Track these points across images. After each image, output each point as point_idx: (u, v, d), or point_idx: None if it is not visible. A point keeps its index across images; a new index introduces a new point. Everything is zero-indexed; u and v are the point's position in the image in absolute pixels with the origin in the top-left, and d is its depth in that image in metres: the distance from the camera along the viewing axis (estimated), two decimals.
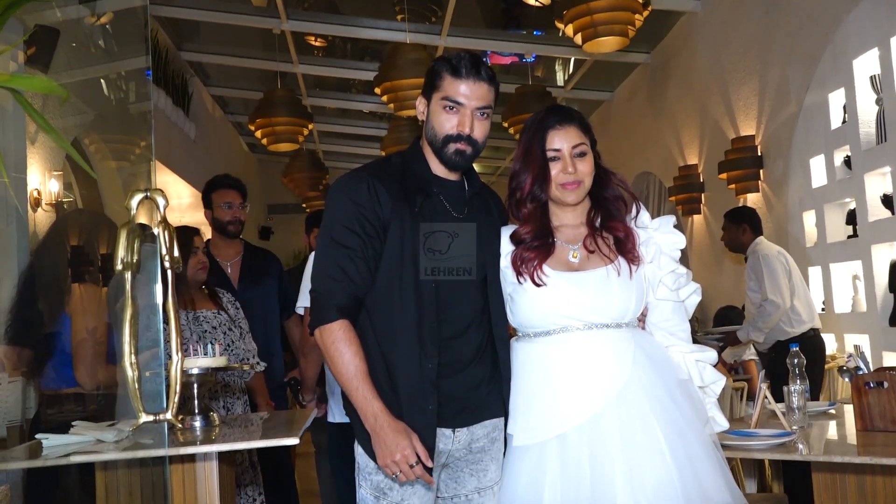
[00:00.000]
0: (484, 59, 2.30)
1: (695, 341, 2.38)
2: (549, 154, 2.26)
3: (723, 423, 2.27)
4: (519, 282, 2.26)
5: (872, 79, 5.16)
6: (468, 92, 2.21)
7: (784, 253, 5.34)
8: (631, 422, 2.12)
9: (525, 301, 2.25)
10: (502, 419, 2.28)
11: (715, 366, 2.30)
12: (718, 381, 2.28)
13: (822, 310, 5.77)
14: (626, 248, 2.26)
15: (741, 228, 5.45)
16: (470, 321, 2.25)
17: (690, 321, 2.38)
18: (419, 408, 2.15)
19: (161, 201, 2.26)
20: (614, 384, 2.16)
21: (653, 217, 2.34)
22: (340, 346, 2.11)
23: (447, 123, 2.23)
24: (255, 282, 4.29)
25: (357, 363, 2.11)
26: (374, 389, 2.10)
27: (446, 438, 2.22)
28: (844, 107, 5.44)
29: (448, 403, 2.20)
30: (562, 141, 2.25)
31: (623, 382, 2.16)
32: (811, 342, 5.06)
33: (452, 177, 2.31)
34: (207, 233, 4.28)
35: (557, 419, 2.16)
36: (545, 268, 2.24)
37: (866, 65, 5.21)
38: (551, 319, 2.23)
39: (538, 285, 2.23)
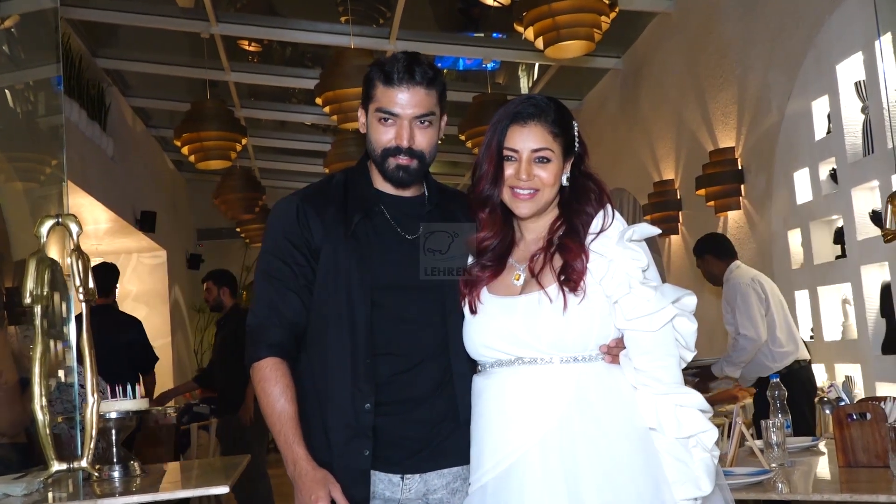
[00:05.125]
0: (422, 59, 2.29)
1: None
2: (506, 153, 2.19)
3: (704, 489, 2.07)
4: (462, 306, 2.25)
5: (857, 85, 5.35)
6: (403, 100, 2.23)
7: (760, 279, 5.52)
8: (548, 478, 2.04)
9: (464, 329, 2.25)
10: (465, 468, 2.26)
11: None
12: (707, 431, 2.08)
13: (811, 337, 5.91)
14: (568, 276, 2.13)
15: (705, 260, 5.76)
16: (425, 354, 2.27)
17: None
18: (353, 452, 2.18)
19: (74, 228, 2.31)
20: (534, 432, 2.08)
21: None
22: (266, 385, 2.17)
23: (384, 136, 2.26)
24: None
25: (282, 404, 2.15)
26: (298, 433, 2.14)
27: (393, 486, 2.23)
28: (829, 115, 5.62)
29: (395, 445, 2.22)
30: (522, 140, 2.17)
31: (544, 431, 2.08)
32: (797, 375, 5.21)
33: (406, 192, 2.35)
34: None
35: (480, 468, 2.15)
36: (483, 292, 2.21)
37: (851, 70, 5.40)
38: (480, 351, 2.20)
39: (473, 312, 2.21)
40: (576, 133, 2.23)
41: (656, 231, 2.19)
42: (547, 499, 2.02)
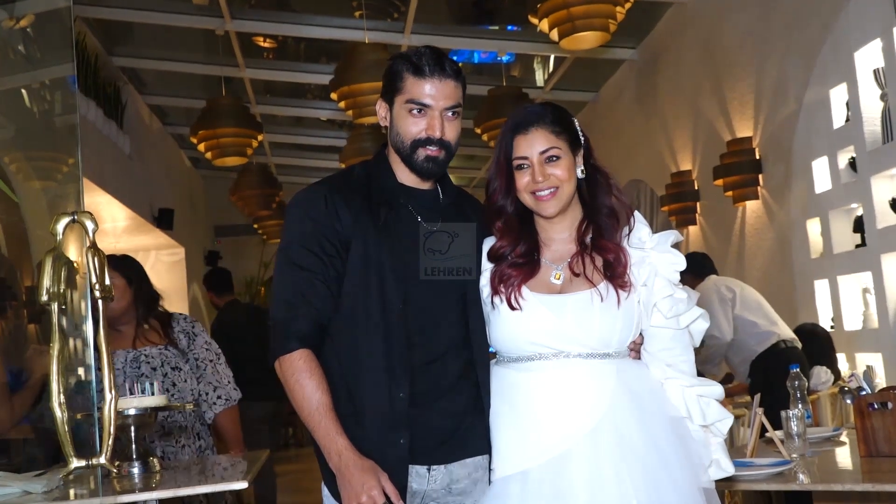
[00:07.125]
0: (446, 54, 2.33)
1: None
2: (516, 163, 2.28)
3: (728, 469, 2.28)
4: (493, 303, 2.29)
5: (876, 72, 5.31)
6: (434, 92, 2.24)
7: (725, 282, 5.65)
8: (600, 466, 2.12)
9: (498, 324, 2.28)
10: (486, 457, 2.29)
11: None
12: (724, 420, 2.27)
13: (832, 327, 5.89)
14: (615, 273, 2.25)
15: (687, 279, 5.80)
16: (448, 345, 2.28)
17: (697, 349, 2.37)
18: (389, 442, 2.17)
19: (90, 225, 2.32)
20: (585, 422, 2.16)
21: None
22: (301, 377, 2.15)
23: (414, 128, 2.26)
24: None
25: (319, 396, 2.13)
26: (338, 424, 2.13)
27: (420, 478, 2.24)
28: (847, 103, 5.59)
29: (424, 436, 2.22)
30: (528, 147, 2.27)
31: (596, 421, 2.16)
32: (782, 355, 5.19)
33: (424, 186, 2.35)
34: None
35: (520, 455, 2.19)
36: (524, 290, 2.26)
37: (869, 57, 5.37)
38: (522, 346, 2.25)
39: (514, 309, 2.25)
40: (578, 127, 2.34)
41: (681, 238, 2.40)
42: (600, 484, 2.10)
